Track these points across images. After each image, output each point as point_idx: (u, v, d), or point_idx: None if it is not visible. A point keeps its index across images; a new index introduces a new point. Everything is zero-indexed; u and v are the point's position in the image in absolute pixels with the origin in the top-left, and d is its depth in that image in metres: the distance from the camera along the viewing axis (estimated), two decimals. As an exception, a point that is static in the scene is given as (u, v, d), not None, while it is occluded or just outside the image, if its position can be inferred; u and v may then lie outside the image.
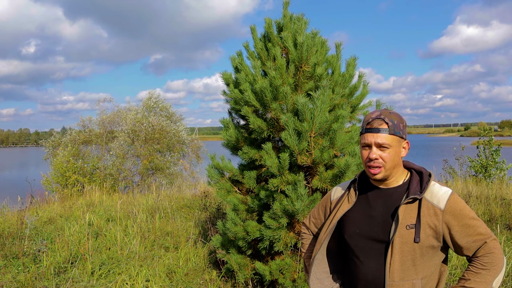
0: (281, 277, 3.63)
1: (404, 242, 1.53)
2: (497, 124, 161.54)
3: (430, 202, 1.55)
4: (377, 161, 1.58)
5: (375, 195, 1.67)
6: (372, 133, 1.58)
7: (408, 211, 1.56)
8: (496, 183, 9.33)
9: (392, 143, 1.57)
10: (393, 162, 1.58)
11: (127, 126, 14.57)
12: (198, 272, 4.51)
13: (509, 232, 5.47)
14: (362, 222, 1.65)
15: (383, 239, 1.58)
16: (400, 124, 1.58)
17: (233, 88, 3.98)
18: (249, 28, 4.19)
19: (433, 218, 1.53)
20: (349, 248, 1.70)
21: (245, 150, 3.84)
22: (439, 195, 1.56)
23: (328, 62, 4.03)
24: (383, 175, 1.60)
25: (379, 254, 1.59)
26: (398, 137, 1.58)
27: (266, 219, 3.53)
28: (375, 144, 1.58)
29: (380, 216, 1.61)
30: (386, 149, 1.57)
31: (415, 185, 1.59)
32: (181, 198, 8.64)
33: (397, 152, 1.59)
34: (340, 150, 3.50)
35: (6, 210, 7.45)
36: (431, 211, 1.54)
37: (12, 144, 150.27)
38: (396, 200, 1.61)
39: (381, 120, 1.57)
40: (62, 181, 12.68)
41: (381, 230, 1.59)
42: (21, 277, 4.22)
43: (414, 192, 1.56)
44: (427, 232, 1.53)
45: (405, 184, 1.64)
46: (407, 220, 1.55)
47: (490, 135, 10.56)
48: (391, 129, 1.56)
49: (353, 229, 1.68)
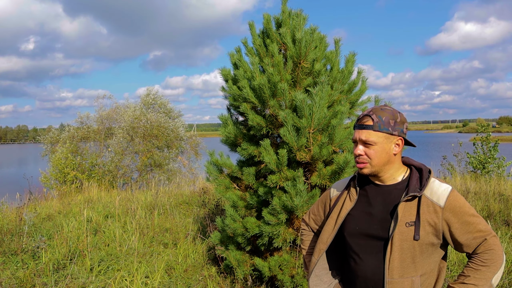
0: (280, 273, 3.64)
1: (403, 239, 1.53)
2: (495, 121, 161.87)
3: (430, 199, 1.54)
4: (361, 157, 1.59)
5: (374, 193, 1.66)
6: (357, 130, 1.60)
7: (408, 208, 1.55)
8: (495, 179, 9.34)
9: (378, 140, 1.55)
10: (380, 158, 1.57)
11: (125, 123, 14.55)
12: (197, 268, 4.52)
13: (507, 228, 5.49)
14: (361, 220, 1.65)
15: (383, 236, 1.58)
16: (391, 120, 1.56)
17: (231, 85, 3.97)
18: (248, 25, 4.18)
19: (432, 215, 1.53)
20: (349, 245, 1.70)
21: (244, 146, 3.84)
22: (439, 192, 1.55)
23: (327, 58, 4.02)
24: (370, 171, 1.60)
25: (379, 251, 1.59)
26: (386, 134, 1.56)
27: (265, 215, 3.53)
28: (359, 140, 1.59)
29: (379, 213, 1.61)
30: (371, 146, 1.56)
31: (415, 182, 1.58)
32: (180, 195, 8.64)
33: (385, 149, 1.57)
34: (339, 146, 3.49)
35: (4, 206, 7.43)
36: (430, 208, 1.54)
37: (10, 141, 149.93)
38: (395, 198, 1.60)
39: (368, 117, 1.57)
40: (60, 177, 12.66)
41: (381, 227, 1.59)
42: (20, 273, 4.22)
43: (413, 190, 1.55)
44: (427, 229, 1.53)
45: (404, 181, 1.62)
46: (406, 217, 1.54)
47: (488, 131, 10.56)
48: (376, 126, 1.55)
49: (352, 227, 1.67)
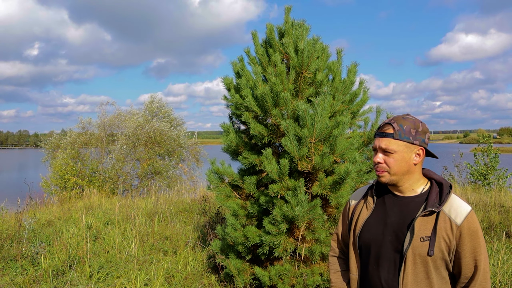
0: (280, 283, 3.63)
1: (417, 254, 1.51)
2: (496, 131, 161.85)
3: (448, 216, 1.52)
4: (380, 165, 1.58)
5: (392, 203, 1.64)
6: (378, 137, 1.60)
7: (424, 222, 1.53)
8: (495, 190, 9.32)
9: (398, 149, 1.54)
10: (399, 167, 1.56)
11: (128, 129, 14.58)
12: (197, 276, 4.50)
13: (508, 239, 5.47)
14: (377, 230, 1.63)
15: (397, 248, 1.56)
16: (412, 129, 1.54)
17: (234, 93, 3.99)
18: (251, 34, 4.22)
19: (449, 232, 1.51)
20: (364, 254, 1.69)
21: (245, 155, 3.85)
22: (458, 210, 1.53)
23: (329, 68, 4.05)
24: (388, 180, 1.59)
25: (393, 263, 1.57)
26: (407, 143, 1.54)
27: (266, 225, 3.53)
28: (379, 148, 1.58)
29: (395, 225, 1.59)
30: (391, 154, 1.55)
31: (434, 196, 1.55)
32: (180, 202, 8.62)
33: (405, 158, 1.55)
34: (340, 156, 3.50)
35: (4, 212, 7.42)
36: (447, 224, 1.51)
37: (11, 146, 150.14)
38: (413, 210, 1.57)
39: (389, 125, 1.56)
40: (61, 183, 12.66)
41: (395, 239, 1.57)
42: (19, 279, 4.21)
43: (432, 205, 1.53)
44: (442, 246, 1.51)
45: (423, 194, 1.60)
46: (422, 231, 1.52)
47: (490, 142, 10.53)
48: (397, 134, 1.53)
49: (368, 236, 1.65)
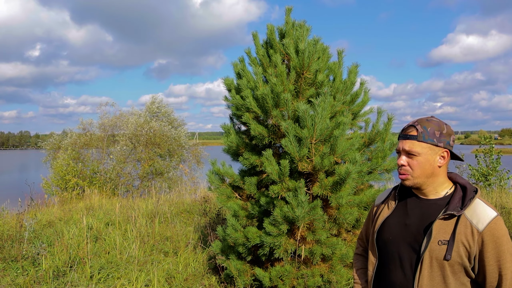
0: (281, 284, 3.62)
1: (433, 257, 1.49)
2: (497, 133, 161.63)
3: (469, 221, 1.47)
4: (404, 168, 1.57)
5: (413, 204, 1.63)
6: (401, 140, 1.58)
7: (444, 226, 1.50)
8: (496, 191, 9.29)
9: (422, 151, 1.52)
10: (423, 170, 1.54)
11: (129, 130, 14.59)
12: (197, 277, 4.50)
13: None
14: (396, 230, 1.62)
15: (414, 250, 1.54)
16: (436, 131, 1.52)
17: (234, 94, 3.99)
18: (252, 35, 4.22)
19: (469, 237, 1.46)
20: (381, 253, 1.68)
21: (246, 156, 3.85)
22: (481, 215, 1.47)
23: (330, 69, 4.05)
24: (412, 183, 1.57)
25: (409, 264, 1.55)
26: (431, 145, 1.52)
27: (266, 226, 3.53)
28: (402, 150, 1.57)
29: (415, 226, 1.57)
30: (415, 157, 1.53)
31: (457, 200, 1.52)
32: (181, 203, 8.62)
33: (429, 160, 1.53)
34: (340, 157, 3.50)
35: (5, 212, 7.42)
36: (468, 230, 1.47)
37: (13, 147, 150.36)
38: (433, 213, 1.55)
39: (412, 127, 1.55)
40: (61, 184, 12.67)
41: (414, 240, 1.55)
42: (19, 280, 4.21)
43: (453, 208, 1.50)
44: (460, 250, 1.46)
45: (446, 197, 1.57)
46: (440, 235, 1.49)
47: (491, 143, 10.50)
48: (420, 136, 1.52)
49: (387, 236, 1.65)
